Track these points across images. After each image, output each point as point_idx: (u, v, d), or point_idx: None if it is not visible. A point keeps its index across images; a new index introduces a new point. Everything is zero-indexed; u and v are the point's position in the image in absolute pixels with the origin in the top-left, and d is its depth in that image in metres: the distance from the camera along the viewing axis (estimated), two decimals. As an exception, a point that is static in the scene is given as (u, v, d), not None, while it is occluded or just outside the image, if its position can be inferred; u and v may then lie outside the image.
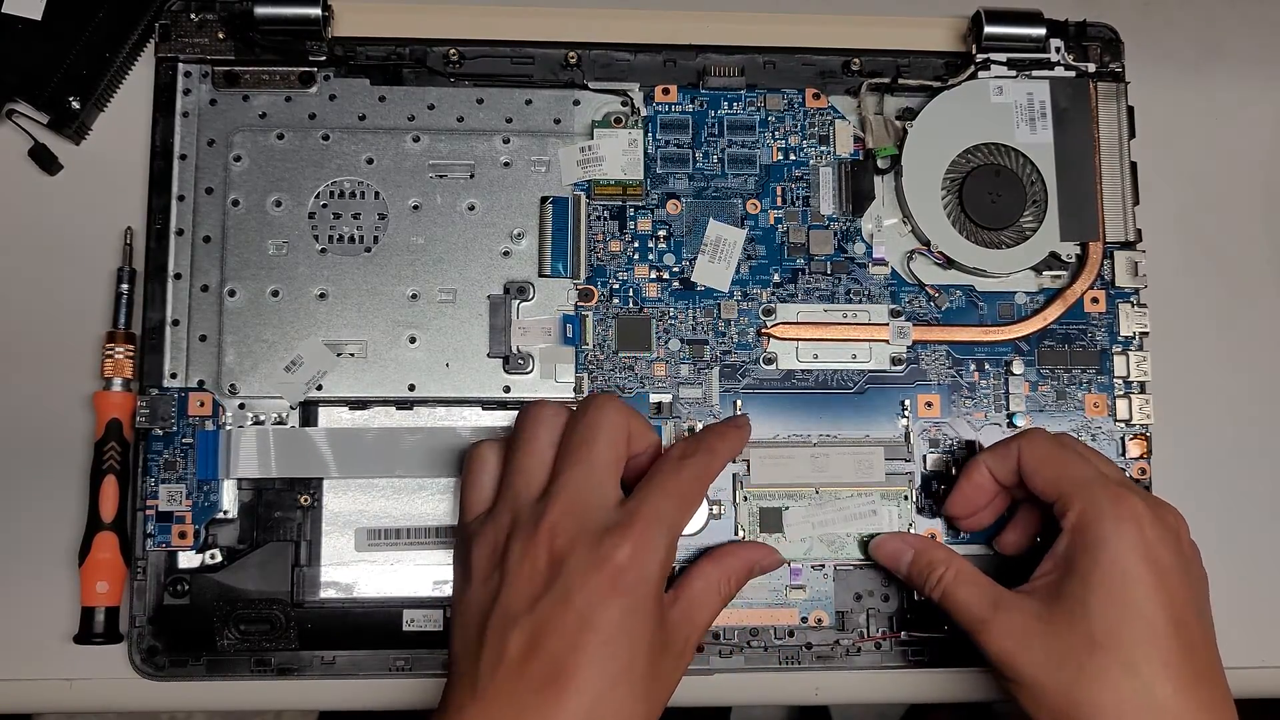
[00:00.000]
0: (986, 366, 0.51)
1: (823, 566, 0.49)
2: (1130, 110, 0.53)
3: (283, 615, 0.48)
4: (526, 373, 0.50)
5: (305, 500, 0.49)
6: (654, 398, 0.50)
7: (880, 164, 0.52)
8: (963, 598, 0.43)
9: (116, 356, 0.48)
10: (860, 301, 0.51)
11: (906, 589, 0.49)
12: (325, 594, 0.48)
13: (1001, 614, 0.42)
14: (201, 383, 0.49)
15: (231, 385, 0.49)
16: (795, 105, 0.53)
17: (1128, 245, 0.52)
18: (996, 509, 0.48)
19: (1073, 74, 0.53)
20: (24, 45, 0.50)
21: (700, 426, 0.50)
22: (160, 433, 0.48)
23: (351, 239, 0.50)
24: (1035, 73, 0.53)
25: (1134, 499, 0.42)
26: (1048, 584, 0.42)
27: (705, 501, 0.49)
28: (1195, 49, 0.56)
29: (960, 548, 0.49)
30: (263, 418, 0.49)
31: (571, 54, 0.52)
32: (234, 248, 0.50)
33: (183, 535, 0.48)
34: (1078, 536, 0.41)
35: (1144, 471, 0.51)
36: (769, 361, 0.51)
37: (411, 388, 0.49)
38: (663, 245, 0.51)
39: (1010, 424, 0.51)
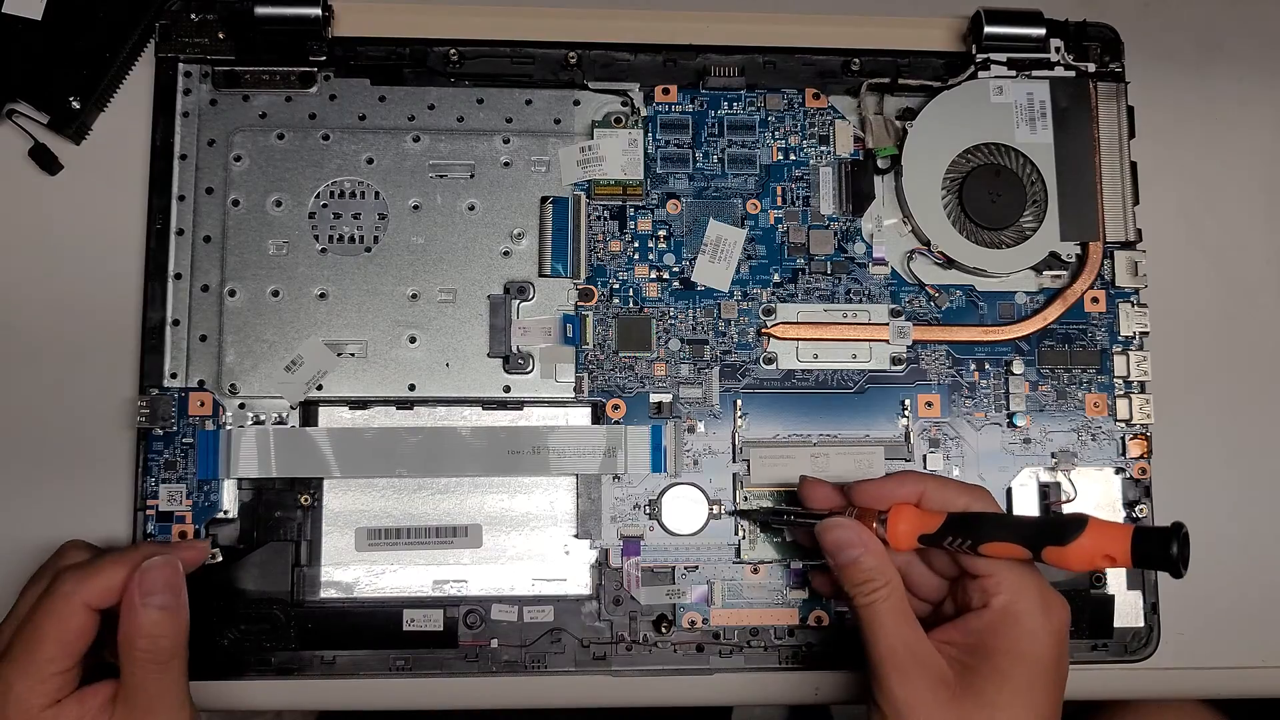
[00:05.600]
0: (987, 366, 0.51)
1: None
2: (1130, 110, 0.53)
3: (283, 615, 0.48)
4: (526, 373, 0.50)
5: (305, 500, 0.49)
6: (654, 398, 0.50)
7: (880, 164, 0.52)
8: (889, 628, 0.41)
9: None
10: (860, 301, 0.51)
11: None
12: (325, 594, 0.48)
13: (917, 665, 0.41)
14: (202, 383, 0.49)
15: (232, 385, 0.49)
16: (795, 105, 0.53)
17: (1128, 245, 0.52)
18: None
19: (1073, 74, 0.53)
20: (24, 45, 0.50)
21: (701, 426, 0.50)
22: (160, 433, 0.48)
23: (351, 239, 0.50)
24: (1035, 73, 0.53)
25: (1059, 605, 0.42)
26: (959, 655, 0.41)
27: (705, 502, 0.49)
28: (1195, 49, 0.56)
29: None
30: (263, 418, 0.49)
31: (571, 54, 0.52)
32: (234, 248, 0.50)
33: (183, 535, 0.48)
34: (1004, 626, 0.41)
35: (1144, 471, 0.51)
36: (769, 361, 0.51)
37: (411, 388, 0.49)
38: (663, 245, 0.51)
39: (1010, 424, 0.51)
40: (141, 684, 0.41)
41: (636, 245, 0.51)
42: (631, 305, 0.51)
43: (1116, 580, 0.50)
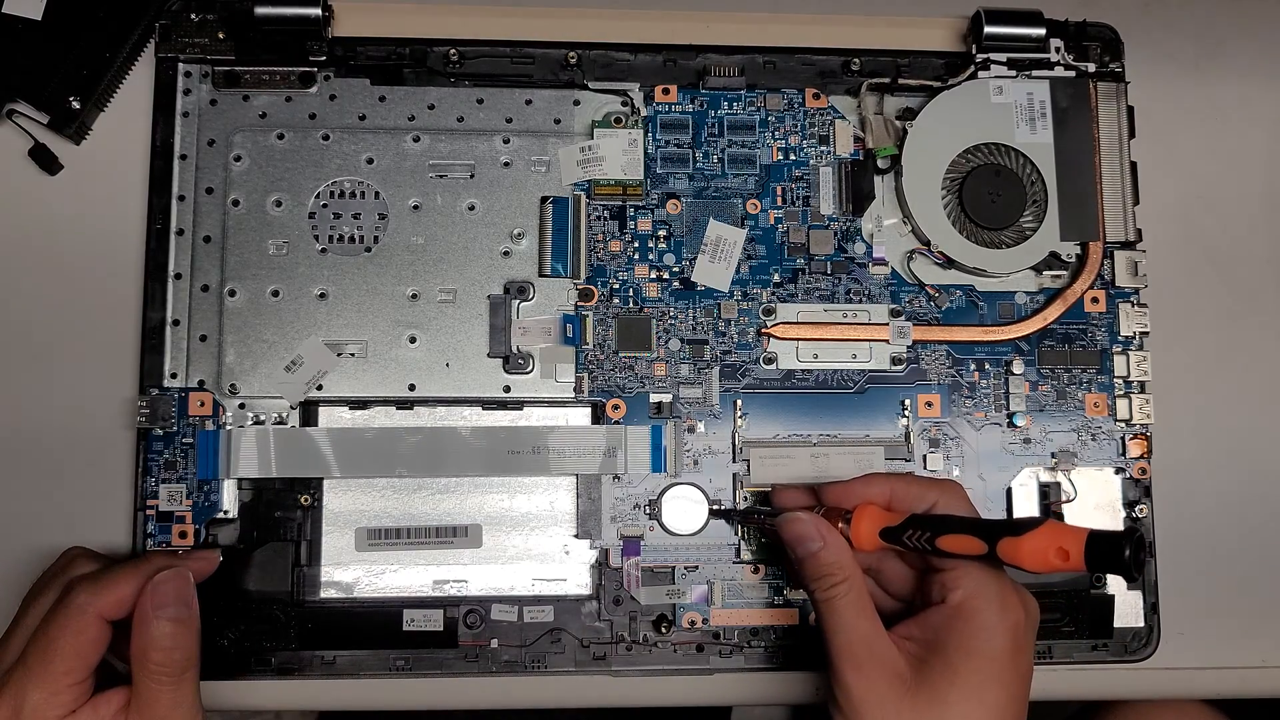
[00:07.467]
0: (987, 366, 0.51)
1: (823, 566, 0.49)
2: (1130, 110, 0.53)
3: (283, 615, 0.48)
4: (526, 373, 0.50)
5: (305, 500, 0.49)
6: (654, 398, 0.50)
7: (880, 164, 0.52)
8: (847, 622, 0.41)
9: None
10: (860, 301, 0.51)
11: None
12: (325, 594, 0.48)
13: (873, 660, 0.41)
14: (202, 383, 0.49)
15: (232, 385, 0.49)
16: (795, 105, 0.53)
17: (1128, 245, 0.52)
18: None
19: (1073, 74, 0.53)
20: (24, 45, 0.50)
21: (701, 426, 0.50)
22: (160, 433, 0.48)
23: (351, 239, 0.50)
24: (1035, 73, 0.53)
25: (1016, 603, 0.41)
26: (917, 650, 0.41)
27: (705, 502, 0.49)
28: (1195, 49, 0.56)
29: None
30: (263, 418, 0.49)
31: (571, 54, 0.52)
32: (234, 248, 0.50)
33: (183, 535, 0.48)
34: (959, 621, 0.41)
35: (1144, 471, 0.51)
36: (769, 361, 0.51)
37: (411, 388, 0.49)
38: (663, 245, 0.51)
39: (1010, 424, 0.51)
40: (156, 695, 0.41)
41: (636, 245, 0.51)
42: (631, 305, 0.51)
43: (1116, 580, 0.50)
